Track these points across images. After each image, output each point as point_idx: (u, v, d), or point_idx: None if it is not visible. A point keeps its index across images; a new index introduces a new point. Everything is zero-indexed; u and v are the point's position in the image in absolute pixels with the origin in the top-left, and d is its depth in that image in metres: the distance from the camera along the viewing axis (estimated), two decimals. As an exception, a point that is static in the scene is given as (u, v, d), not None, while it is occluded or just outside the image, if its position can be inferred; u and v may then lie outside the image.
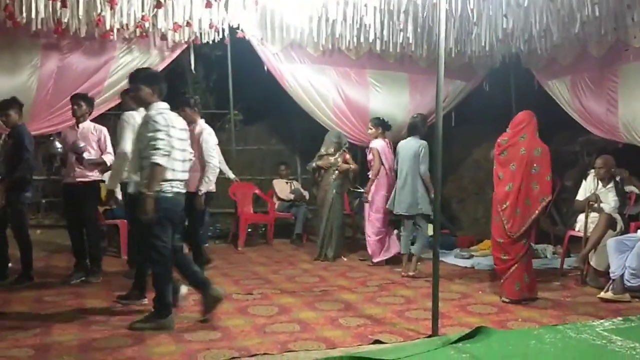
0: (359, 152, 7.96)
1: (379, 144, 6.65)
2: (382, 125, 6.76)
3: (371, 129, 6.76)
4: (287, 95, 7.53)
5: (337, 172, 6.79)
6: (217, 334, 3.98)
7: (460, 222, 8.97)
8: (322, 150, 6.93)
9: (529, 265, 5.01)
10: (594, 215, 5.68)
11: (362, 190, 6.99)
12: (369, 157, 6.75)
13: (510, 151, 4.94)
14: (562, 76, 7.22)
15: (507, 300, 4.90)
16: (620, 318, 4.40)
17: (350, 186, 7.29)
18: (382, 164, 6.62)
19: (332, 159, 6.83)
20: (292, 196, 8.39)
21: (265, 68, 7.18)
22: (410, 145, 6.09)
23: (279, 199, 8.40)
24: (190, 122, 5.18)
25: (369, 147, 6.78)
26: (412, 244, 6.18)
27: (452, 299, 5.02)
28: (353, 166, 6.98)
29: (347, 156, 6.93)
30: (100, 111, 6.50)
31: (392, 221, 6.70)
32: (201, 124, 5.60)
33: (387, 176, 6.63)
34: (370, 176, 6.67)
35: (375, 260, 6.56)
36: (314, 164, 6.95)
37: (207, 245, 7.06)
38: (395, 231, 6.79)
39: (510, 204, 4.85)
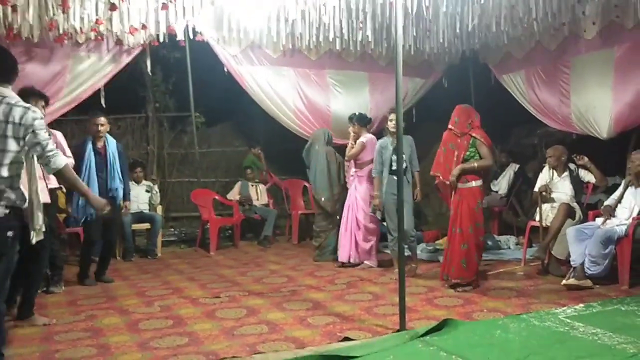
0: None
1: None
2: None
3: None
4: (249, 96, 7.49)
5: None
6: (184, 339, 3.93)
7: (425, 217, 9.06)
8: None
9: None
10: (551, 205, 5.82)
11: None
12: None
13: None
14: (517, 70, 7.36)
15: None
16: (581, 305, 4.52)
17: None
18: None
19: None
20: (238, 197, 8.35)
21: (225, 70, 7.13)
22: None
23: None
24: None
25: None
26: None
27: (419, 293, 5.08)
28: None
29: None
30: (54, 117, 6.31)
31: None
32: None
33: None
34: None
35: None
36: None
37: None
38: None
39: None
